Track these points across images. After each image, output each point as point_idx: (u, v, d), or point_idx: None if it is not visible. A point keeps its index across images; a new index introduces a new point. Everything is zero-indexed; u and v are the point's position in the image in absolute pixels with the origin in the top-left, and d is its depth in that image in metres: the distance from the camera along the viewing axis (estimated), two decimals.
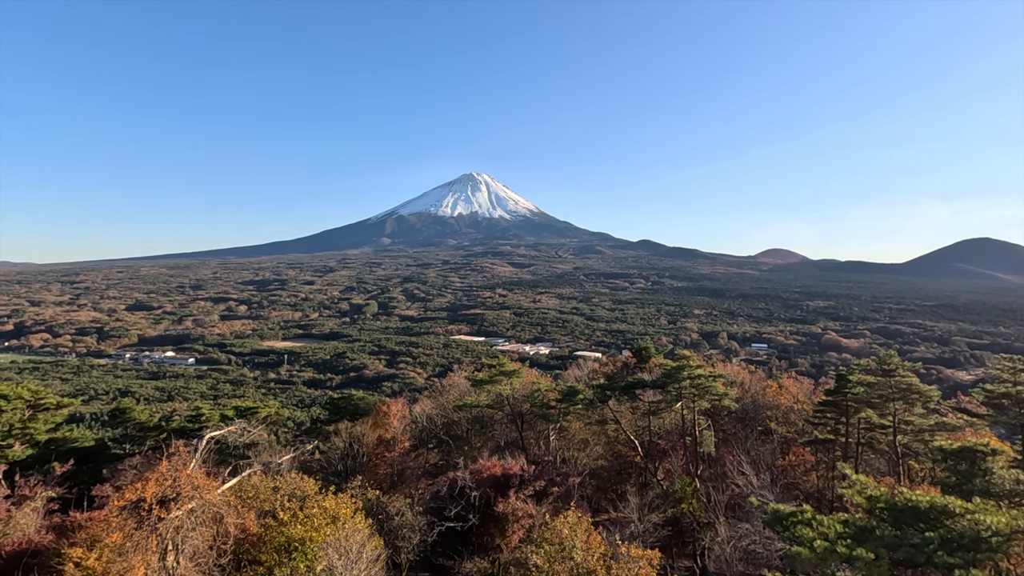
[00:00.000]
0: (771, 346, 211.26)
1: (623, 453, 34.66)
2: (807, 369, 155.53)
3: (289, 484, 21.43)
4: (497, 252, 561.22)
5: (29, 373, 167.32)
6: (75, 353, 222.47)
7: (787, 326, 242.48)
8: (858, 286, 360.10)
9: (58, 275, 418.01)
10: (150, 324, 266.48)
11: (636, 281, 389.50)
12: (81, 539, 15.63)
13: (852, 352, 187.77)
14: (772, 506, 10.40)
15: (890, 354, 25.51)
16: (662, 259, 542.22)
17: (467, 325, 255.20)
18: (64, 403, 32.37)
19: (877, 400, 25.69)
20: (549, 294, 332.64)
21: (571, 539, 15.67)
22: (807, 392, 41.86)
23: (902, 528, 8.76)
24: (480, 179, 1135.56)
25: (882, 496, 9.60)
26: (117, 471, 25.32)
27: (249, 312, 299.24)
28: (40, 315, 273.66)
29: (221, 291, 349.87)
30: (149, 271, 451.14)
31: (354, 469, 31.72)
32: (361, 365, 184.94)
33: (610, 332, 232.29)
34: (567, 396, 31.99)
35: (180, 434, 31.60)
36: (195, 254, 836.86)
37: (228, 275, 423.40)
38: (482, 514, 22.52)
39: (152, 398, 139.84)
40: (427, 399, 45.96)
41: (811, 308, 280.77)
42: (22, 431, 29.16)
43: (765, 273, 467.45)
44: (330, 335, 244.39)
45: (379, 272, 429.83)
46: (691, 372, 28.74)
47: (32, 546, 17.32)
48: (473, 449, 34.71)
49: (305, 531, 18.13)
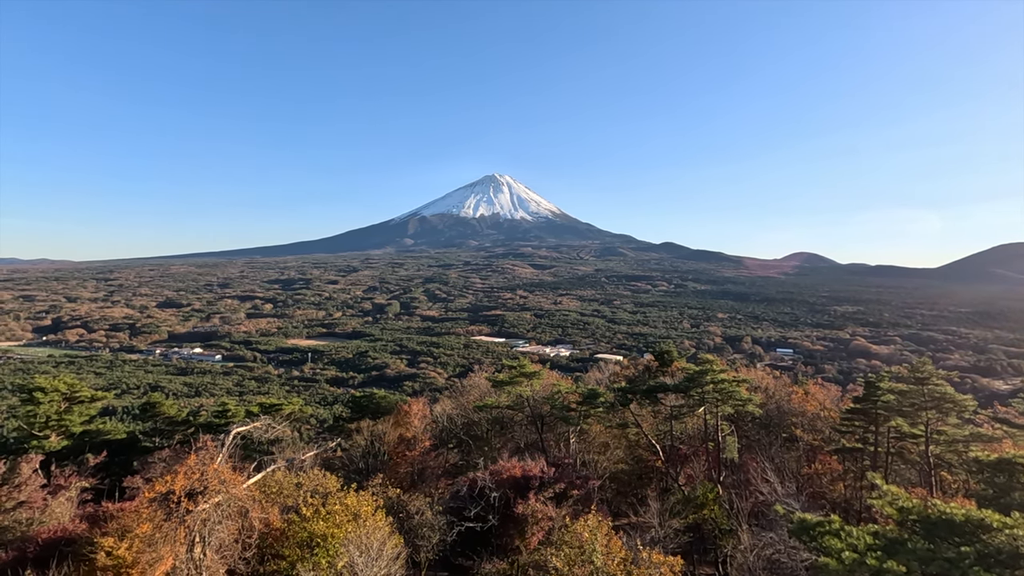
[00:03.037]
0: (797, 351, 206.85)
1: (644, 457, 34.28)
2: (834, 375, 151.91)
3: (312, 480, 21.75)
4: (518, 253, 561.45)
5: (65, 367, 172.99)
6: (108, 348, 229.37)
7: (814, 331, 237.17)
8: (889, 291, 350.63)
9: (93, 272, 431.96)
10: (179, 321, 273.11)
11: (659, 284, 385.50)
12: (113, 529, 16.09)
13: (882, 359, 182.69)
14: (798, 515, 10.15)
15: (923, 361, 24.75)
16: (685, 262, 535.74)
17: (488, 326, 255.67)
18: (98, 396, 33.44)
19: (909, 409, 24.95)
20: (570, 296, 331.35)
21: (591, 542, 15.56)
22: (834, 399, 40.85)
23: (935, 542, 8.45)
24: (502, 180, 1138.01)
25: (914, 508, 9.29)
26: (147, 463, 26.02)
27: (274, 310, 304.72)
28: (76, 311, 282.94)
29: (248, 290, 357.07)
30: (179, 269, 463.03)
31: (375, 467, 32.02)
32: (383, 364, 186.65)
33: (631, 335, 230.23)
34: (588, 399, 31.80)
35: (207, 429, 32.33)
36: (223, 253, 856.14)
37: (254, 274, 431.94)
38: (501, 515, 22.52)
39: (180, 393, 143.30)
40: (447, 399, 46.19)
41: (839, 313, 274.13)
42: (58, 423, 30.22)
43: (791, 277, 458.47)
44: (353, 334, 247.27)
45: (401, 272, 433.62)
46: (714, 376, 28.32)
47: (67, 534, 17.89)
48: (493, 450, 34.75)
49: (327, 527, 18.36)
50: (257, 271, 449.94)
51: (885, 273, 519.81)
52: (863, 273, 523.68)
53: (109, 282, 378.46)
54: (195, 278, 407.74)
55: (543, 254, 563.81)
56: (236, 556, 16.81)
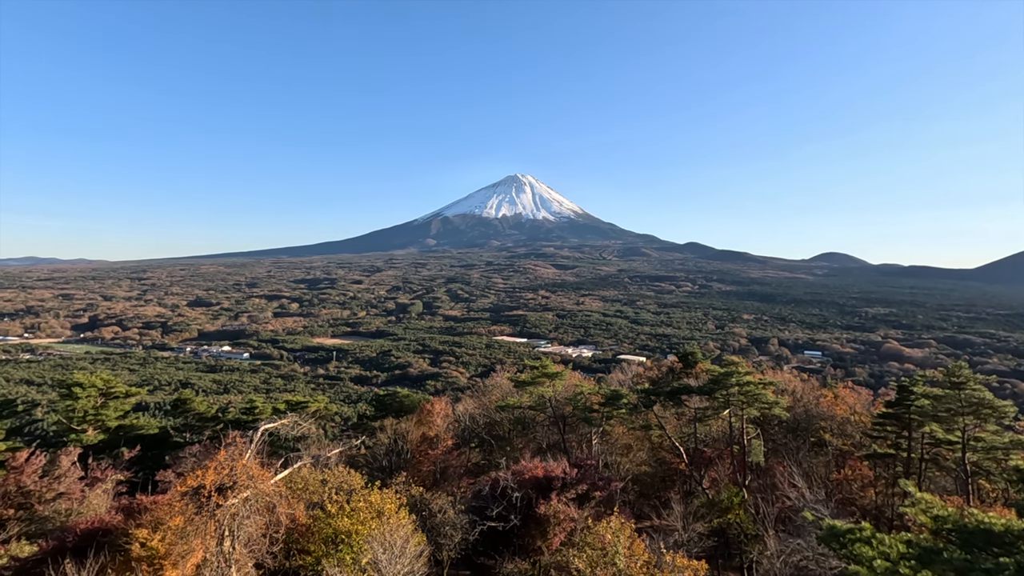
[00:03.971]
0: (826, 354, 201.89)
1: (667, 460, 33.94)
2: (865, 379, 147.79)
3: (337, 477, 22.06)
4: (540, 253, 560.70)
5: (101, 363, 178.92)
6: (141, 345, 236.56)
7: (843, 333, 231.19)
8: (923, 293, 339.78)
9: (128, 272, 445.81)
10: (209, 320, 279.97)
11: (682, 284, 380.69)
12: (147, 521, 16.59)
13: (915, 362, 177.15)
14: (828, 521, 9.91)
15: (960, 365, 23.92)
16: (710, 262, 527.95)
17: (509, 326, 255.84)
18: (132, 392, 34.51)
19: (944, 414, 24.15)
20: (592, 296, 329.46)
21: (614, 544, 15.46)
22: (865, 403, 39.81)
23: (972, 552, 8.16)
24: (524, 180, 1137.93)
25: (950, 516, 8.98)
26: (178, 458, 26.72)
27: (300, 310, 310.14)
28: (112, 309, 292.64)
29: (275, 289, 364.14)
30: (209, 269, 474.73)
31: (398, 465, 32.34)
32: (406, 363, 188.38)
33: (655, 336, 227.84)
34: (610, 400, 31.62)
35: (236, 425, 33.10)
36: (251, 253, 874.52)
37: (281, 274, 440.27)
38: (523, 515, 22.52)
39: (209, 390, 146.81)
40: (470, 399, 46.40)
41: (870, 315, 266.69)
42: (95, 417, 31.29)
43: (820, 277, 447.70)
44: (376, 333, 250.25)
45: (424, 272, 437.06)
46: (740, 379, 27.88)
47: (103, 526, 18.49)
48: (515, 450, 34.80)
49: (351, 524, 18.62)
50: (284, 271, 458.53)
51: (919, 274, 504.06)
52: (895, 274, 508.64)
53: (142, 281, 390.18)
54: (224, 278, 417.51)
55: (565, 254, 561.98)
56: (263, 550, 17.17)
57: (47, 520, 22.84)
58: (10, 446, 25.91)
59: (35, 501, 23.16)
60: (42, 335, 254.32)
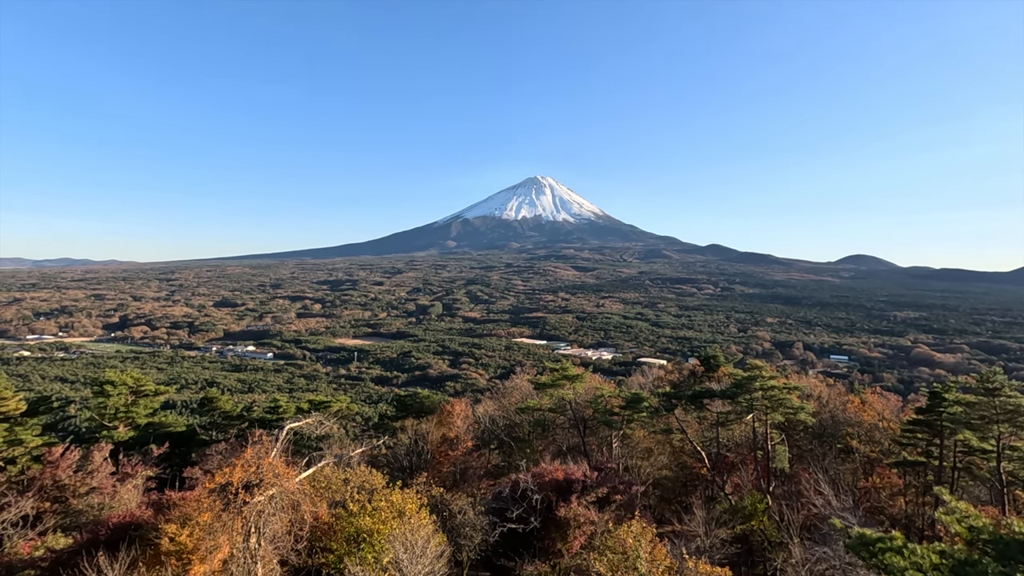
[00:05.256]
0: (852, 358, 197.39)
1: (689, 464, 33.53)
2: (894, 384, 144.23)
3: (359, 477, 22.31)
4: (560, 255, 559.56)
5: (131, 362, 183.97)
6: (169, 345, 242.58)
7: (871, 338, 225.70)
8: (955, 296, 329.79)
9: (156, 273, 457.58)
10: (234, 320, 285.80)
11: (704, 287, 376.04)
12: (175, 516, 17.01)
13: (947, 368, 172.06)
14: (857, 530, 9.68)
15: (994, 371, 23.14)
16: (732, 264, 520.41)
17: (529, 328, 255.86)
18: (161, 390, 35.42)
19: (978, 421, 23.39)
20: (613, 298, 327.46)
21: (635, 549, 15.33)
22: (894, 409, 38.87)
23: (1009, 564, 7.89)
24: (545, 182, 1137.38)
25: (986, 527, 8.70)
26: (205, 455, 27.32)
27: (323, 310, 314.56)
28: (141, 309, 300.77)
29: (298, 290, 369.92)
30: (234, 270, 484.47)
31: (419, 465, 32.57)
32: (426, 364, 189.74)
33: (676, 339, 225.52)
34: (631, 403, 31.38)
35: (260, 424, 33.72)
36: (275, 255, 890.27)
37: (304, 275, 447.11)
38: (543, 518, 22.49)
39: (235, 389, 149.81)
40: (489, 400, 46.51)
41: (899, 319, 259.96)
42: (126, 414, 32.19)
43: (846, 280, 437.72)
44: (397, 334, 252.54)
45: (444, 274, 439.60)
46: (763, 383, 27.45)
47: (134, 520, 19.02)
48: (535, 452, 34.77)
49: (373, 523, 18.81)
50: (307, 272, 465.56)
51: (950, 277, 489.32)
52: (926, 277, 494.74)
53: (170, 282, 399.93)
54: (249, 279, 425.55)
55: (585, 256, 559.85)
56: (288, 547, 17.46)
57: (81, 514, 23.57)
58: (46, 441, 26.82)
59: (70, 495, 23.93)
60: (75, 334, 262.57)
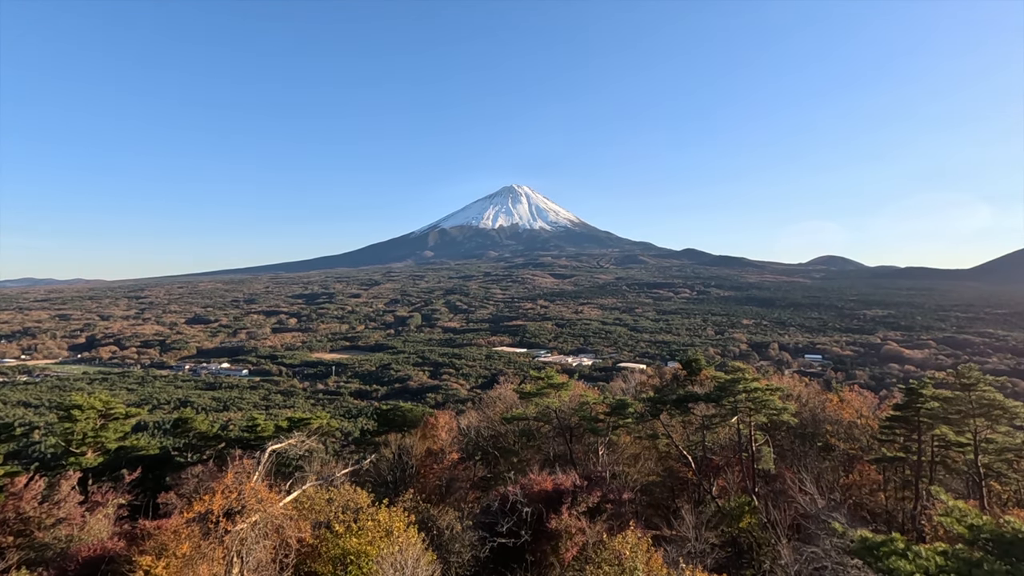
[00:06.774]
0: (826, 357, 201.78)
1: (675, 468, 33.55)
2: (866, 381, 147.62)
3: (343, 496, 21.66)
4: (538, 263, 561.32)
5: (99, 383, 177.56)
6: (140, 364, 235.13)
7: (843, 336, 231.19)
8: (920, 294, 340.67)
9: (125, 291, 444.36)
10: (207, 337, 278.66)
11: (681, 291, 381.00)
12: (150, 547, 16.17)
13: (916, 363, 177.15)
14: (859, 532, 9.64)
15: (969, 367, 23.73)
16: (707, 268, 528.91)
17: (509, 336, 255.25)
18: (131, 413, 34.10)
19: (955, 416, 23.94)
20: (591, 305, 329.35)
21: (632, 560, 15.11)
22: (871, 406, 39.60)
23: (1012, 563, 7.91)
24: (521, 191, 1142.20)
25: (986, 525, 8.72)
26: (180, 479, 26.31)
27: (299, 325, 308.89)
28: (109, 328, 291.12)
29: (273, 305, 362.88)
30: (206, 286, 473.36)
31: (403, 480, 31.91)
32: (406, 376, 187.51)
33: (654, 343, 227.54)
34: (616, 409, 31.30)
35: (238, 443, 32.69)
36: (248, 269, 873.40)
37: (279, 289, 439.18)
38: (534, 530, 22.12)
39: (209, 408, 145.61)
40: (473, 411, 46.01)
41: (869, 317, 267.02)
42: (94, 439, 30.83)
43: (817, 281, 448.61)
44: (375, 347, 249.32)
45: (422, 285, 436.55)
46: (747, 385, 27.64)
47: (106, 552, 18.04)
48: (522, 462, 34.38)
49: (360, 544, 18.22)
50: (282, 286, 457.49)
51: (915, 275, 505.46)
52: (892, 275, 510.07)
53: (140, 300, 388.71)
54: (222, 294, 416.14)
55: (563, 263, 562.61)
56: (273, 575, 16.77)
57: (47, 547, 22.33)
58: (8, 471, 25.46)
59: (35, 528, 22.67)
60: (39, 356, 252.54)
